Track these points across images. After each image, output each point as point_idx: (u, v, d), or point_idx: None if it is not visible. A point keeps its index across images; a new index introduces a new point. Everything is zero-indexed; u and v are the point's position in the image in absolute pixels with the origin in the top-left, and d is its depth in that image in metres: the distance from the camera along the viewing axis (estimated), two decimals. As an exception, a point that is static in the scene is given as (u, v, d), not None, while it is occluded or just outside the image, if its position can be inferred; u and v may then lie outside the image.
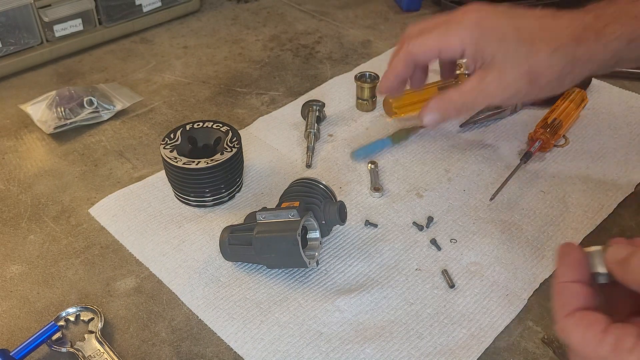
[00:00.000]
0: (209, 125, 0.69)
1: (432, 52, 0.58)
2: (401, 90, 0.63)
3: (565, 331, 0.38)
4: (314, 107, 0.79)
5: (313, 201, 0.60)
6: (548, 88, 0.55)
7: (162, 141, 0.67)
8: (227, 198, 0.68)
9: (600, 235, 0.63)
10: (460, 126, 0.79)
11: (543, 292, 0.57)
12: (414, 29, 0.61)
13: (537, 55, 0.54)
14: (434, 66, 0.93)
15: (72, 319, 0.56)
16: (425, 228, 0.64)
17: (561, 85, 0.55)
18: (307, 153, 0.74)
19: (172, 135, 0.68)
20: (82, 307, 0.57)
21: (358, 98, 0.84)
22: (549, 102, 0.82)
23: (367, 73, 0.83)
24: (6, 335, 0.55)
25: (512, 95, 0.56)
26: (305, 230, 0.59)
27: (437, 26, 0.59)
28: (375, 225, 0.65)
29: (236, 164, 0.67)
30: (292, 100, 0.87)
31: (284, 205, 0.59)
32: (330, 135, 0.79)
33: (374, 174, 0.71)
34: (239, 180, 0.69)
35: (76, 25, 0.98)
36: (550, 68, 0.54)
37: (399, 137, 0.75)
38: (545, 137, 0.72)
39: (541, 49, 0.54)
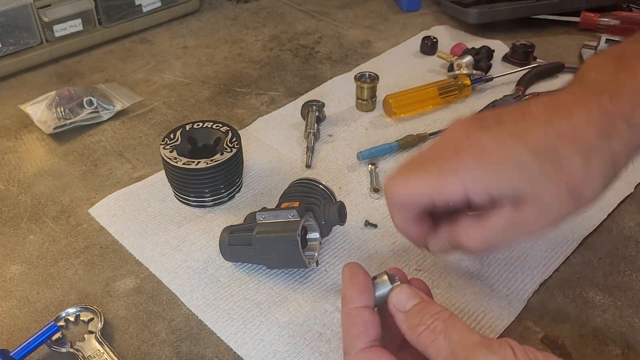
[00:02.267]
0: (209, 126, 0.69)
1: (423, 197, 0.46)
2: (427, 237, 0.51)
3: None
4: (314, 107, 0.79)
5: (313, 201, 0.60)
6: (596, 193, 0.44)
7: (162, 141, 0.67)
8: (226, 198, 0.68)
9: (600, 235, 0.63)
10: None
11: (542, 293, 0.57)
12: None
13: (571, 171, 0.43)
14: (432, 65, 0.94)
15: (72, 319, 0.56)
16: (425, 228, 0.64)
17: (610, 182, 0.44)
18: (306, 153, 0.74)
19: (171, 136, 0.68)
20: (82, 307, 0.57)
21: (358, 98, 0.84)
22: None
23: (367, 73, 0.83)
24: (6, 335, 0.55)
25: (558, 219, 0.44)
26: (305, 231, 0.59)
27: (428, 160, 0.46)
28: (375, 226, 0.65)
29: (236, 164, 0.67)
30: (291, 101, 0.87)
31: (283, 205, 0.59)
32: (330, 136, 0.79)
33: (374, 174, 0.71)
34: (238, 181, 0.69)
35: (76, 25, 0.98)
36: (589, 178, 0.43)
37: (407, 143, 0.75)
38: (545, 138, 0.71)
39: (572, 162, 0.43)
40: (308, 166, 0.73)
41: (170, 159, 0.64)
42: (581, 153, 0.42)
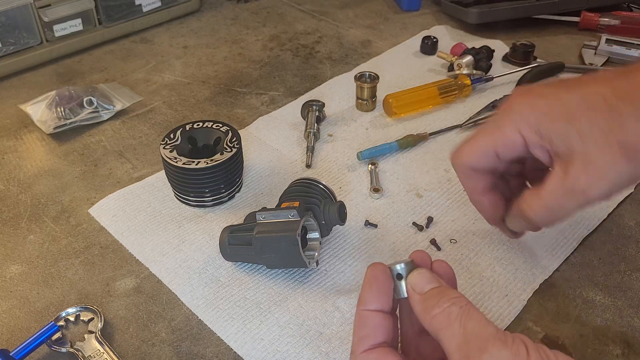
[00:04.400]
0: (209, 125, 0.69)
1: (488, 154, 0.47)
2: (501, 211, 0.53)
3: None
4: (314, 107, 0.79)
5: (313, 201, 0.60)
6: None
7: (162, 141, 0.67)
8: (227, 198, 0.68)
9: (600, 235, 0.63)
10: (461, 126, 0.79)
11: (542, 293, 0.57)
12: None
13: (624, 127, 0.40)
14: (432, 65, 0.94)
15: (72, 319, 0.56)
16: (425, 228, 0.64)
17: None
18: (307, 153, 0.74)
19: (172, 135, 0.68)
20: (82, 307, 0.57)
21: (358, 98, 0.84)
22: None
23: (367, 73, 0.83)
24: (6, 335, 0.55)
25: (613, 184, 0.42)
26: (305, 231, 0.59)
27: (484, 124, 0.49)
28: (375, 226, 0.65)
29: (236, 164, 0.67)
30: (292, 100, 0.87)
31: (283, 205, 0.59)
32: (330, 135, 0.79)
33: (374, 174, 0.71)
34: (238, 180, 0.69)
35: (76, 25, 0.98)
36: None
37: (407, 143, 0.75)
38: (545, 138, 0.71)
39: (625, 113, 0.41)
40: (308, 166, 0.73)
41: (170, 158, 0.64)
42: (637, 105, 0.40)
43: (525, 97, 0.45)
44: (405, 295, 0.41)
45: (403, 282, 0.41)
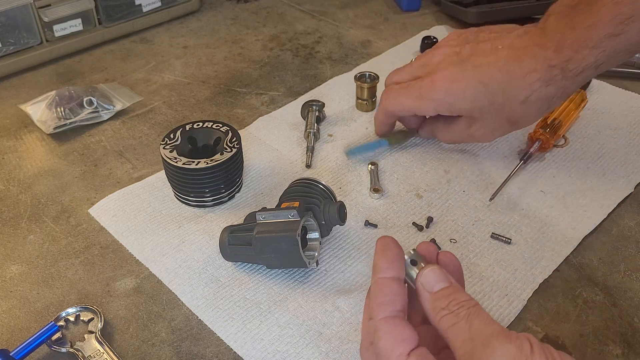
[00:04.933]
0: (209, 125, 0.69)
1: (408, 111, 0.69)
2: (391, 131, 0.76)
3: (378, 332, 0.40)
4: (314, 107, 0.79)
5: (313, 201, 0.60)
6: (531, 122, 0.64)
7: (162, 141, 0.67)
8: (227, 198, 0.68)
9: (599, 235, 0.63)
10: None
11: (542, 293, 0.57)
12: (394, 77, 0.71)
13: (511, 107, 0.61)
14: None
15: (72, 319, 0.56)
16: (425, 228, 0.64)
17: (544, 114, 0.63)
18: (307, 153, 0.74)
19: (171, 135, 0.68)
20: (82, 307, 0.57)
21: (358, 98, 0.84)
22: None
23: (367, 73, 0.84)
24: (6, 335, 0.55)
25: (499, 136, 0.68)
26: (305, 231, 0.59)
27: (413, 85, 0.67)
28: (375, 226, 0.65)
29: (236, 164, 0.67)
30: (292, 100, 0.87)
31: (283, 205, 0.59)
32: (330, 135, 0.79)
33: (374, 174, 0.71)
34: (238, 181, 0.69)
35: (76, 25, 0.98)
36: (526, 112, 0.61)
37: (397, 139, 0.75)
38: (545, 137, 0.72)
39: (513, 101, 0.60)
40: (308, 166, 0.73)
41: (170, 158, 0.64)
42: (522, 95, 0.60)
43: (446, 81, 0.63)
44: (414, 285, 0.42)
45: (413, 271, 0.42)
